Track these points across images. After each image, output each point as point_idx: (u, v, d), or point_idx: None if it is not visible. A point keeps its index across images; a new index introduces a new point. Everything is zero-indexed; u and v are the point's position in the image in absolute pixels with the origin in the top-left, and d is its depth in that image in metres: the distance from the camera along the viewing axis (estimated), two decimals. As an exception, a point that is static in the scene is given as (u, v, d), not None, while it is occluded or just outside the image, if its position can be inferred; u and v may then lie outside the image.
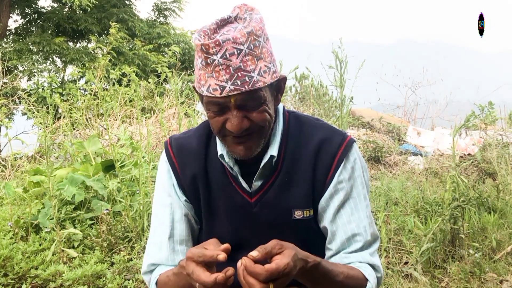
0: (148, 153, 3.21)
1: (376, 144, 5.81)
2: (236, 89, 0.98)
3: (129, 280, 2.60)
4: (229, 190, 1.14)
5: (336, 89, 2.18)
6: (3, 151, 6.24)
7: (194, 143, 1.19)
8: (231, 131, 1.02)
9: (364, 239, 1.12)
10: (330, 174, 1.10)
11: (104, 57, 6.79)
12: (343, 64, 2.10)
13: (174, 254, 1.17)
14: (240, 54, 0.97)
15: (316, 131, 1.14)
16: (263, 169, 1.11)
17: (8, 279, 2.52)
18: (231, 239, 1.16)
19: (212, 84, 0.99)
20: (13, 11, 11.80)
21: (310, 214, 1.12)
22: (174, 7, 13.47)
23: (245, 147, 1.05)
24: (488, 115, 6.13)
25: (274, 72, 1.04)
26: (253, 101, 1.01)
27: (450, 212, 2.82)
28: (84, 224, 3.12)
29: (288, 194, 1.11)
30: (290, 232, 1.13)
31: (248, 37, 0.99)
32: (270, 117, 1.05)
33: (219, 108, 1.02)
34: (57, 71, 11.08)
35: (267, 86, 1.03)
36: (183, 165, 1.19)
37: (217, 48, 0.97)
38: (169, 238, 1.17)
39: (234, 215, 1.15)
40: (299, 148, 1.12)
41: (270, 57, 1.04)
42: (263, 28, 1.04)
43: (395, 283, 2.63)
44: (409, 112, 9.24)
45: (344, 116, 2.20)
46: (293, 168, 1.11)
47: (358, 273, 1.08)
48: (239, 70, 0.98)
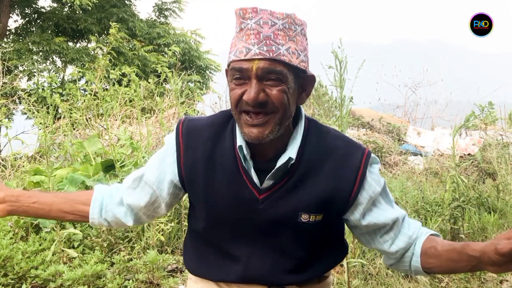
0: (148, 153, 3.21)
1: (376, 144, 5.82)
2: (261, 54, 0.99)
3: (129, 280, 2.60)
4: (237, 182, 1.13)
5: (336, 89, 2.18)
6: (3, 151, 6.24)
7: (205, 129, 1.18)
8: (247, 103, 1.02)
9: (404, 214, 1.17)
10: (355, 188, 1.11)
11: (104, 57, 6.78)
12: (343, 64, 2.10)
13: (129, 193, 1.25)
14: (273, 26, 1.01)
15: (337, 143, 1.15)
16: (278, 169, 1.10)
17: (8, 279, 2.52)
18: (231, 230, 1.17)
19: (240, 47, 1.02)
20: (13, 11, 11.80)
21: (317, 219, 1.13)
22: (174, 7, 13.47)
23: (258, 130, 1.04)
24: (488, 115, 6.13)
25: (303, 62, 1.05)
26: (274, 75, 1.01)
27: (450, 212, 2.82)
28: (84, 224, 3.12)
29: (298, 197, 1.11)
30: (292, 233, 1.14)
31: (286, 18, 1.02)
32: (288, 104, 1.04)
33: (241, 75, 1.02)
34: (57, 71, 11.07)
35: (292, 71, 1.03)
36: (187, 147, 1.18)
37: (253, 14, 1.01)
38: (134, 180, 1.24)
39: (238, 208, 1.14)
40: (318, 157, 1.12)
41: (303, 47, 1.06)
42: (304, 25, 1.07)
43: (395, 283, 2.63)
44: (409, 112, 9.24)
45: (344, 116, 2.20)
46: (307, 174, 1.11)
47: (439, 237, 1.15)
48: (268, 38, 1.00)
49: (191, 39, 12.90)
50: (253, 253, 1.16)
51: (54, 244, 2.73)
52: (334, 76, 2.13)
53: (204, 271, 1.23)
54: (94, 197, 1.26)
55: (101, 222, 1.27)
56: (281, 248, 1.15)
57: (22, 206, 1.22)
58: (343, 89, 2.14)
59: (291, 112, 1.07)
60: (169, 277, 2.73)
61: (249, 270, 1.16)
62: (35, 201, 1.23)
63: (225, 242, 1.19)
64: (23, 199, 1.22)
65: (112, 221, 1.27)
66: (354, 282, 2.41)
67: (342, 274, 2.34)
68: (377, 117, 7.17)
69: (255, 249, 1.16)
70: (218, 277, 1.21)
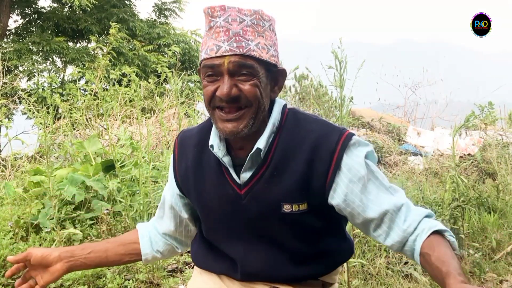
0: (148, 153, 3.21)
1: (376, 144, 5.82)
2: (231, 50, 1.01)
3: (129, 280, 2.60)
4: (221, 182, 1.15)
5: (336, 89, 2.18)
6: (3, 151, 6.24)
7: (194, 135, 1.23)
8: (221, 98, 1.03)
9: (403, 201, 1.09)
10: (331, 171, 1.07)
11: (104, 57, 6.79)
12: (342, 64, 2.10)
13: (161, 220, 1.35)
14: (242, 22, 1.03)
15: (313, 126, 1.12)
16: (250, 161, 1.10)
17: (8, 279, 2.52)
18: (223, 230, 1.19)
19: (210, 45, 1.04)
20: (13, 11, 11.80)
21: (301, 208, 1.10)
22: (174, 7, 13.47)
23: (232, 125, 1.05)
24: (488, 115, 6.14)
25: (273, 56, 1.07)
26: (245, 69, 1.03)
27: (450, 212, 2.82)
28: (84, 224, 3.12)
29: (277, 188, 1.10)
30: (279, 225, 1.13)
31: (254, 14, 1.05)
32: (261, 97, 1.05)
33: (213, 72, 1.04)
34: (57, 71, 11.07)
35: (263, 65, 1.05)
36: (181, 156, 1.23)
37: (222, 12, 1.04)
38: (160, 208, 1.35)
39: (226, 207, 1.15)
40: (293, 143, 1.11)
41: (272, 42, 1.08)
42: (272, 21, 1.09)
43: (395, 283, 2.63)
44: (409, 112, 9.25)
45: (344, 116, 2.20)
46: (284, 162, 1.10)
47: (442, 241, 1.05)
48: (237, 35, 1.02)
49: (191, 39, 12.89)
50: (248, 250, 1.16)
51: (54, 244, 2.73)
52: (334, 76, 2.13)
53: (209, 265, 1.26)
54: (141, 234, 1.32)
55: (154, 255, 1.32)
56: (274, 242, 1.15)
57: (79, 259, 1.22)
58: (343, 89, 2.14)
59: (264, 105, 1.08)
60: (169, 277, 2.73)
61: (247, 267, 1.16)
62: (90, 251, 1.24)
63: (222, 242, 1.20)
64: (78, 253, 1.23)
65: (164, 251, 1.34)
66: (354, 282, 2.41)
67: (342, 274, 2.34)
68: (377, 117, 7.17)
69: (249, 245, 1.16)
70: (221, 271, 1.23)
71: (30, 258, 1.19)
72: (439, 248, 1.01)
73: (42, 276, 1.21)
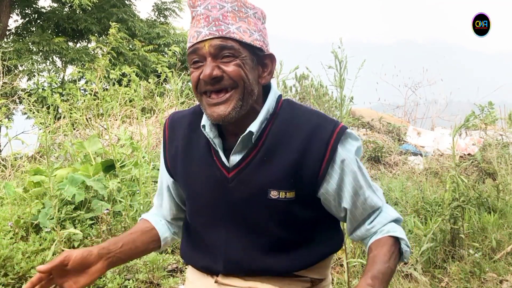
0: (148, 153, 3.21)
1: (376, 144, 5.82)
2: (211, 34, 1.03)
3: (129, 280, 2.61)
4: (209, 163, 1.14)
5: (336, 89, 2.18)
6: (3, 151, 6.24)
7: (186, 117, 1.23)
8: (205, 81, 1.04)
9: (379, 205, 1.16)
10: (325, 161, 1.08)
11: (104, 57, 6.79)
12: (342, 64, 2.10)
13: (161, 208, 1.34)
14: (222, 9, 1.04)
15: (308, 116, 1.12)
16: (241, 144, 1.09)
17: (8, 279, 2.52)
18: (208, 213, 1.17)
19: (192, 32, 1.06)
20: (13, 11, 11.80)
21: (288, 196, 1.10)
22: (174, 7, 13.47)
23: (220, 109, 1.05)
24: (488, 115, 6.13)
25: (257, 40, 1.07)
26: (227, 50, 1.03)
27: (450, 212, 2.82)
28: (84, 224, 3.12)
29: (265, 173, 1.09)
30: (265, 211, 1.11)
31: (235, 1, 1.05)
32: (246, 77, 1.05)
33: (197, 58, 1.05)
34: (57, 71, 11.07)
35: (246, 47, 1.05)
36: (172, 138, 1.23)
37: (201, 1, 1.05)
38: (157, 196, 1.35)
39: (212, 189, 1.14)
40: (286, 130, 1.11)
41: (256, 28, 1.08)
42: (257, 10, 1.09)
43: (395, 283, 2.63)
44: (409, 112, 9.27)
45: (344, 116, 2.20)
46: (275, 148, 1.10)
47: (389, 244, 1.11)
48: (217, 20, 1.04)
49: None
50: (230, 236, 1.14)
51: (54, 244, 2.73)
52: (334, 76, 2.13)
53: (190, 258, 1.24)
54: (154, 220, 1.31)
55: (172, 237, 1.34)
56: (258, 230, 1.13)
57: (116, 254, 1.17)
58: (343, 89, 2.14)
59: (252, 88, 1.07)
60: (169, 277, 2.73)
61: (227, 253, 1.14)
62: (121, 244, 1.19)
63: (205, 227, 1.19)
64: (113, 248, 1.17)
65: (178, 232, 1.35)
66: (354, 282, 2.41)
67: (342, 274, 2.34)
68: (377, 117, 7.18)
69: (232, 231, 1.14)
70: (201, 264, 1.21)
71: (67, 262, 1.06)
72: (379, 249, 1.09)
73: (77, 280, 1.09)
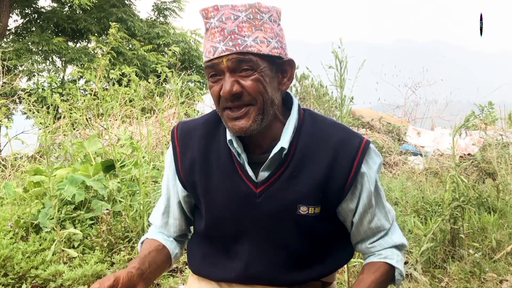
0: (148, 153, 3.21)
1: (376, 144, 5.82)
2: (228, 49, 1.00)
3: (129, 280, 2.60)
4: (233, 177, 1.12)
5: (336, 89, 2.18)
6: (3, 151, 6.25)
7: (198, 128, 1.19)
8: (225, 98, 1.03)
9: (386, 227, 1.19)
10: (351, 177, 1.10)
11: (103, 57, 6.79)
12: (343, 64, 2.09)
13: (167, 226, 1.29)
14: (236, 19, 1.01)
15: (332, 130, 1.13)
16: (271, 160, 1.09)
17: (8, 279, 2.52)
18: (231, 227, 1.15)
19: (208, 47, 1.03)
20: (13, 11, 11.80)
21: (315, 211, 1.11)
22: (174, 7, 13.46)
23: (240, 122, 1.04)
24: (488, 115, 6.13)
25: (275, 48, 1.04)
26: (245, 64, 1.01)
27: (450, 212, 2.82)
28: (84, 224, 3.12)
29: (295, 189, 1.09)
30: (292, 226, 1.12)
31: (249, 8, 1.02)
32: (265, 91, 1.03)
33: (215, 72, 1.04)
34: (57, 71, 11.07)
35: (264, 58, 1.03)
36: (184, 149, 1.19)
37: (215, 12, 1.02)
38: (162, 214, 1.28)
39: (236, 203, 1.13)
40: (312, 144, 1.11)
41: (273, 33, 1.04)
42: (272, 11, 1.05)
43: (395, 283, 2.63)
44: (409, 112, 9.26)
45: (344, 116, 2.20)
46: (303, 163, 1.10)
47: (381, 272, 1.15)
48: (232, 33, 1.00)
49: (191, 38, 12.88)
50: (253, 249, 1.14)
51: (54, 244, 2.73)
52: (334, 76, 2.13)
53: (206, 271, 1.22)
54: (162, 238, 1.27)
55: (181, 253, 1.33)
56: (282, 244, 1.13)
57: (148, 275, 1.13)
58: (343, 89, 2.14)
59: (272, 99, 1.06)
60: (169, 277, 2.73)
61: (249, 267, 1.14)
62: (148, 264, 1.15)
63: (226, 240, 1.18)
64: (144, 268, 1.13)
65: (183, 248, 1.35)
66: (354, 282, 2.41)
67: (342, 274, 2.34)
68: (377, 117, 7.17)
69: (255, 245, 1.14)
70: (219, 277, 1.20)
71: (118, 285, 1.02)
72: (370, 275, 1.14)
73: None
